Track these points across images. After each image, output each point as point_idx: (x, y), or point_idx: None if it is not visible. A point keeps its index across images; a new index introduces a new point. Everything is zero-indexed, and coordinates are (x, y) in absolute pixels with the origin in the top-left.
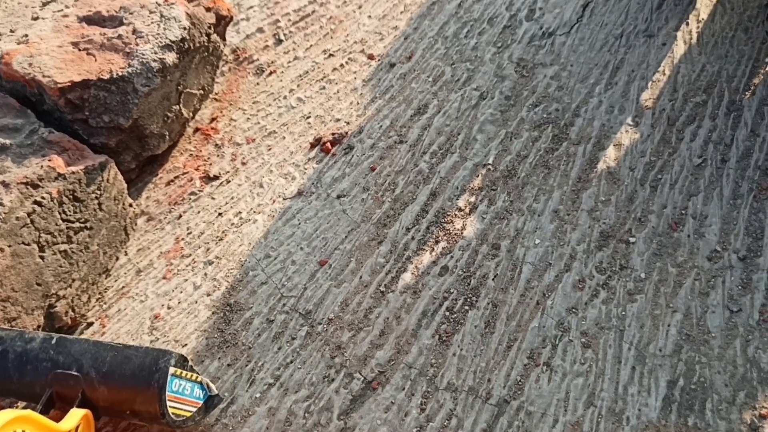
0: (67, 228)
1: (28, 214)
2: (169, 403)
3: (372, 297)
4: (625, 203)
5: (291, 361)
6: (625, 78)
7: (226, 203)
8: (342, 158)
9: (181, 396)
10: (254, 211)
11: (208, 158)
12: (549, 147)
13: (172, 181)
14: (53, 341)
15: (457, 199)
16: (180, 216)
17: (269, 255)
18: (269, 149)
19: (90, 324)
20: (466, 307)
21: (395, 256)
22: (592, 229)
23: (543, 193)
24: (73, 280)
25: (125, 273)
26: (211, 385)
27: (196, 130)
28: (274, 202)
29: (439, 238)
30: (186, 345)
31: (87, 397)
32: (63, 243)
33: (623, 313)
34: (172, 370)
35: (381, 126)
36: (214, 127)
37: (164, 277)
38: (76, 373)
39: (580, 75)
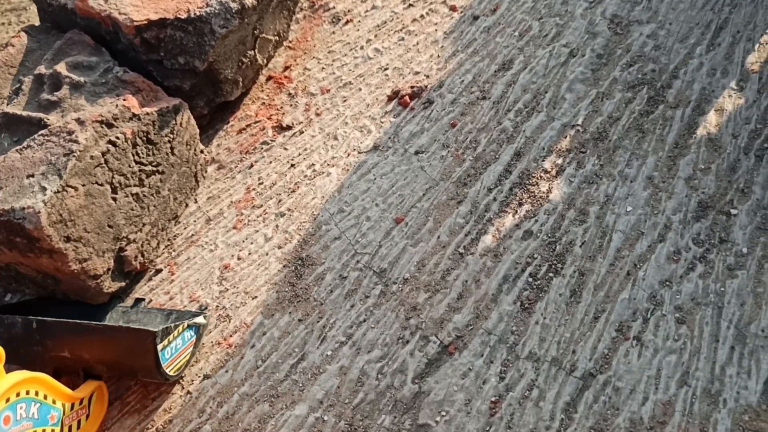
0: (140, 170)
1: (103, 154)
2: (168, 370)
3: (450, 258)
4: (727, 172)
5: (364, 320)
6: (729, 39)
7: (299, 154)
8: (421, 113)
9: (176, 354)
10: (328, 164)
11: (281, 107)
12: (644, 109)
13: (243, 129)
14: (34, 326)
15: (543, 161)
16: (251, 165)
17: (343, 210)
18: (344, 101)
19: (159, 271)
20: (551, 274)
21: (475, 217)
22: (689, 199)
23: (636, 158)
24: (144, 225)
25: (195, 221)
26: (198, 319)
27: (269, 78)
28: (348, 155)
29: (523, 200)
30: (256, 297)
31: (89, 371)
32: (135, 186)
33: (722, 289)
34: (159, 347)
35: (463, 81)
36: (288, 75)
37: (234, 227)
38: (69, 356)
39: (680, 34)
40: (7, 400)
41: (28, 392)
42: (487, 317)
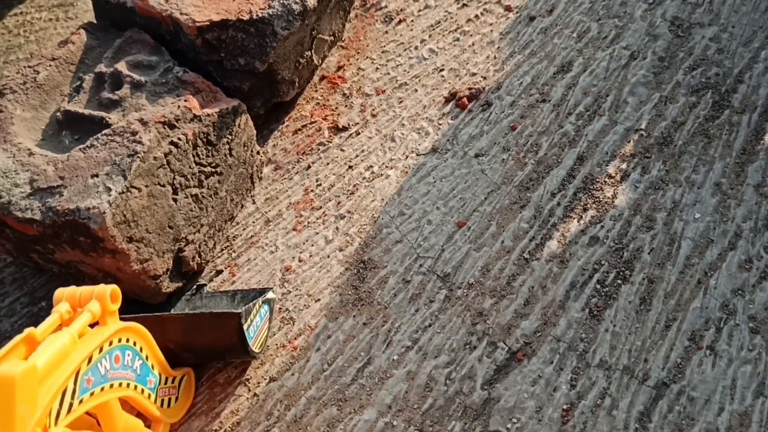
0: (199, 172)
1: (165, 155)
2: (253, 347)
3: (515, 264)
4: None
5: (429, 325)
6: None
7: (357, 156)
8: (479, 115)
9: (258, 331)
10: (386, 166)
11: (336, 108)
12: (709, 114)
13: (299, 130)
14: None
15: (607, 166)
16: (309, 166)
17: (403, 212)
18: (400, 102)
19: (219, 272)
20: (619, 281)
21: (540, 222)
22: (759, 206)
23: (703, 163)
24: (202, 225)
25: (254, 222)
26: (268, 294)
27: (323, 78)
28: (407, 157)
29: (588, 205)
30: (319, 300)
31: (176, 360)
32: (194, 187)
33: None
34: (244, 326)
35: (521, 83)
36: (342, 75)
37: (294, 229)
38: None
39: (743, 37)
40: (119, 340)
41: (135, 343)
42: (556, 324)
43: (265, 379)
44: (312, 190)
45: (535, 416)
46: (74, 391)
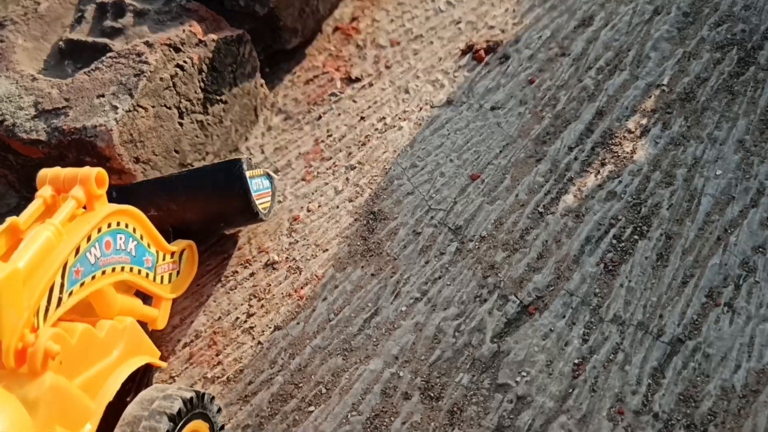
0: (205, 98)
1: (171, 77)
2: (258, 202)
3: (529, 217)
4: None
5: (439, 277)
6: None
7: (369, 107)
8: (496, 68)
9: (261, 191)
10: (399, 118)
11: (349, 59)
12: (733, 71)
13: (311, 80)
14: (114, 195)
15: (627, 120)
16: (320, 117)
17: (416, 164)
18: (415, 53)
19: None
20: (636, 237)
21: (556, 176)
22: None
23: (726, 120)
24: (207, 153)
25: None
26: (270, 171)
27: (336, 29)
28: (420, 109)
29: (606, 160)
30: (327, 250)
31: (177, 228)
32: (200, 113)
33: None
34: (248, 173)
35: (540, 36)
36: (356, 26)
37: (303, 179)
38: (156, 213)
39: None
40: (109, 225)
41: (127, 225)
42: (569, 278)
43: (270, 327)
44: (323, 141)
45: (545, 370)
46: (62, 285)
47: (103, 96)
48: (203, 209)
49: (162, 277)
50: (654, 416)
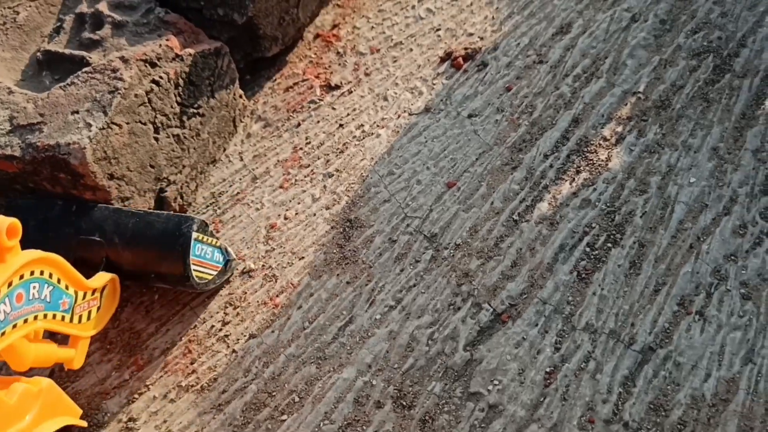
0: (181, 112)
1: (146, 93)
2: (193, 267)
3: (504, 225)
4: None
5: (414, 285)
6: None
7: (348, 114)
8: (474, 75)
9: (204, 260)
10: (377, 125)
11: (329, 66)
12: (709, 78)
13: (290, 87)
14: (73, 209)
15: (602, 128)
16: (299, 124)
17: (393, 172)
18: (395, 61)
19: None
20: (609, 245)
21: (531, 184)
22: (756, 172)
23: (701, 128)
24: (184, 167)
25: (240, 179)
26: (229, 249)
27: (317, 36)
28: (399, 116)
29: (581, 168)
30: (303, 258)
31: (111, 261)
32: (176, 127)
33: None
34: (194, 234)
35: (519, 44)
36: (336, 34)
37: (281, 186)
38: (98, 239)
39: (748, 1)
40: (21, 277)
41: (42, 273)
42: (542, 286)
43: (245, 335)
44: (301, 148)
45: (517, 378)
46: None
47: (77, 112)
48: (140, 252)
49: (81, 316)
50: (624, 425)
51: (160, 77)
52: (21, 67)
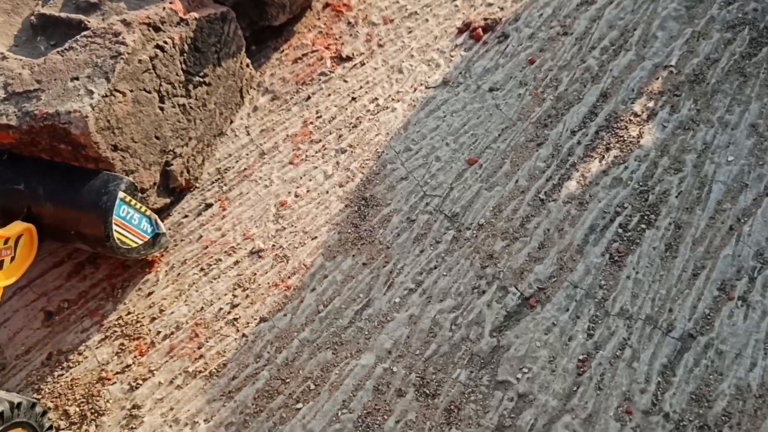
0: (187, 80)
1: (151, 59)
2: (115, 228)
3: (530, 205)
4: None
5: (435, 267)
6: None
7: (361, 87)
8: (495, 47)
9: (128, 224)
10: (392, 99)
11: (340, 37)
12: (745, 52)
13: (299, 59)
14: (4, 157)
15: (633, 103)
16: (308, 97)
17: (410, 148)
18: (410, 32)
19: (209, 205)
20: (643, 226)
21: (558, 161)
22: None
23: (738, 103)
24: (190, 139)
25: (247, 154)
26: (159, 222)
27: (326, 5)
28: (415, 90)
29: (611, 144)
30: (316, 237)
31: (32, 213)
32: (182, 96)
33: None
34: (121, 194)
35: (541, 14)
36: (347, 3)
37: (291, 162)
38: (20, 188)
39: None
40: None
41: None
42: (573, 269)
43: (255, 319)
44: (311, 122)
45: (547, 366)
46: None
47: (77, 79)
48: (63, 207)
49: None
50: (665, 416)
51: (165, 42)
52: (14, 32)
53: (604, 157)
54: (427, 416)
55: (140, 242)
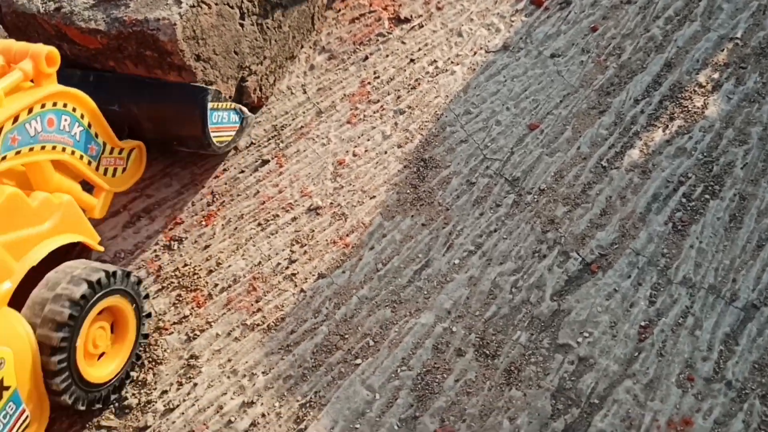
0: (266, 1)
1: None
2: (212, 134)
3: (592, 171)
4: None
5: (495, 230)
6: None
7: (419, 49)
8: (557, 13)
9: (221, 125)
10: (452, 62)
11: None
12: None
13: (356, 18)
14: (91, 79)
15: (697, 74)
16: (366, 58)
17: (470, 111)
18: None
19: (266, 162)
20: (707, 196)
21: (620, 129)
22: None
23: None
24: (265, 58)
25: (304, 112)
26: (244, 109)
27: None
28: (474, 53)
29: (675, 114)
30: (374, 197)
31: (133, 131)
32: (260, 16)
33: None
34: (210, 105)
35: None
36: None
37: (348, 122)
38: (116, 108)
39: None
40: (54, 104)
41: (75, 110)
42: (635, 237)
43: (314, 275)
44: (369, 83)
45: (609, 331)
46: None
47: None
48: (160, 122)
49: (106, 170)
50: (727, 384)
51: None
52: None
53: (667, 126)
54: (486, 376)
55: (233, 133)
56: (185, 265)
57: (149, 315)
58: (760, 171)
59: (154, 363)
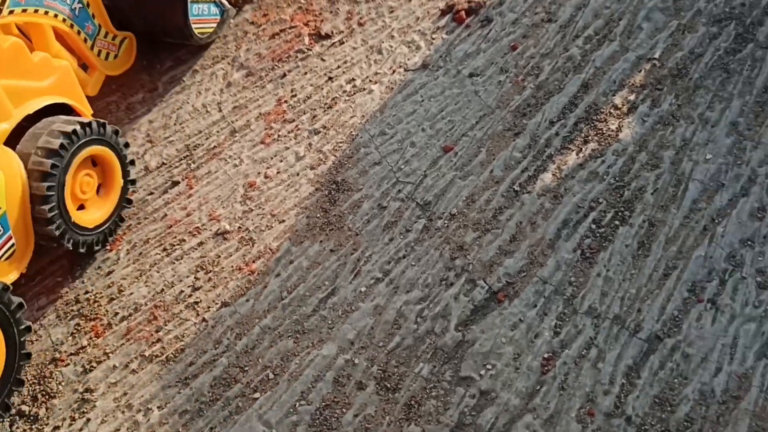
0: None
1: None
2: (194, 26)
3: (504, 196)
4: None
5: (403, 256)
6: None
7: (338, 67)
8: (477, 31)
9: (202, 17)
10: (370, 80)
11: (320, 14)
12: (730, 47)
13: (276, 34)
14: None
15: (614, 96)
16: (284, 75)
17: (385, 132)
18: (391, 11)
19: (176, 183)
20: (617, 222)
21: (534, 152)
22: None
23: (719, 100)
24: None
25: (218, 131)
26: (224, 2)
27: None
28: (393, 72)
29: (589, 137)
30: (284, 221)
31: (123, 26)
32: None
33: None
34: None
35: (526, 0)
36: None
37: (262, 142)
38: (107, 2)
39: None
40: None
41: None
42: (543, 264)
43: (217, 303)
44: (286, 101)
45: (512, 363)
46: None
47: None
48: (146, 14)
49: (100, 51)
50: (627, 420)
51: None
52: None
53: (581, 149)
54: (386, 411)
55: (215, 26)
56: (86, 292)
57: (133, 162)
58: (670, 196)
59: (47, 396)
